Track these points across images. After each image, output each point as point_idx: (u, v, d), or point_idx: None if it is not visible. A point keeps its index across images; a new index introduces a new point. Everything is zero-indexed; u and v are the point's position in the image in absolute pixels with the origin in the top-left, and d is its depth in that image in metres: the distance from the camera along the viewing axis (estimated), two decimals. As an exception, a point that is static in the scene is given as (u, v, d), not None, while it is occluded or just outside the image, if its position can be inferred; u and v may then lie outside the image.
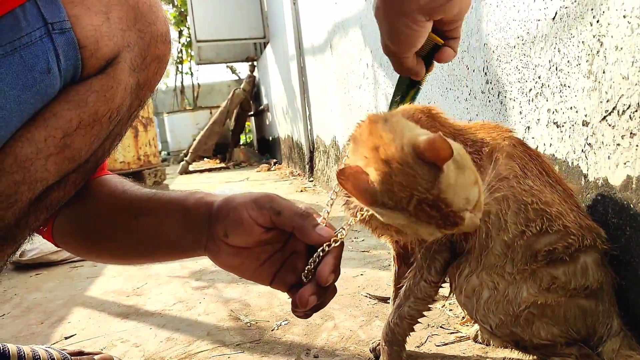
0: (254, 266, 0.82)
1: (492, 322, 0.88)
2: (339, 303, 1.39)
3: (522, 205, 0.87)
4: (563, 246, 0.85)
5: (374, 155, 0.71)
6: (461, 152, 0.71)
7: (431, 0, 0.79)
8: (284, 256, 0.84)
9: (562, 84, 1.03)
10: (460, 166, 0.69)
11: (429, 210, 0.68)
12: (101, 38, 0.70)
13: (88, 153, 0.74)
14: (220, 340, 1.25)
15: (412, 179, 0.68)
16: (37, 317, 1.55)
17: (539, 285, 0.86)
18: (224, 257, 0.82)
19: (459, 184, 0.68)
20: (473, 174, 0.70)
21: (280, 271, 0.84)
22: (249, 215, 0.77)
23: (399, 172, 0.68)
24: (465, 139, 0.93)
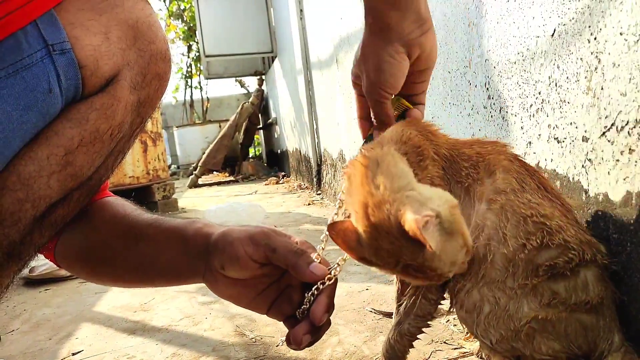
0: (251, 296, 0.87)
1: (493, 337, 0.88)
2: (344, 318, 1.40)
3: (521, 218, 0.87)
4: (564, 261, 0.85)
5: (363, 213, 0.72)
6: (452, 217, 0.71)
7: (409, 32, 0.86)
8: (280, 287, 0.88)
9: (561, 100, 1.04)
10: (449, 232, 0.70)
11: (415, 273, 0.70)
12: (101, 57, 0.72)
13: (90, 170, 0.76)
14: (225, 355, 1.26)
15: (398, 248, 0.70)
16: (45, 332, 1.57)
17: (540, 300, 0.86)
18: (221, 287, 0.87)
19: (445, 251, 0.70)
20: (461, 238, 0.71)
21: (277, 301, 0.88)
22: (245, 252, 0.81)
23: (386, 239, 0.70)
24: (460, 153, 0.94)
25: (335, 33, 3.06)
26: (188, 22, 9.33)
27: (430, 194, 0.72)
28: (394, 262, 0.71)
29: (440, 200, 0.72)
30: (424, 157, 0.90)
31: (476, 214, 0.89)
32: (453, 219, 0.71)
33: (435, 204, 0.70)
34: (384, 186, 0.71)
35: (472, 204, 0.90)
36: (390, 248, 0.70)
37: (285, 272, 0.85)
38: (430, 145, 0.93)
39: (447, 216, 0.70)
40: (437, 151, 0.93)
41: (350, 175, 0.78)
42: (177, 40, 9.67)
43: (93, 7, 0.72)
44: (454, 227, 0.70)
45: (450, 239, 0.70)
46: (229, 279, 0.84)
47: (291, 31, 4.65)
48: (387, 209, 0.69)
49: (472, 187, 0.91)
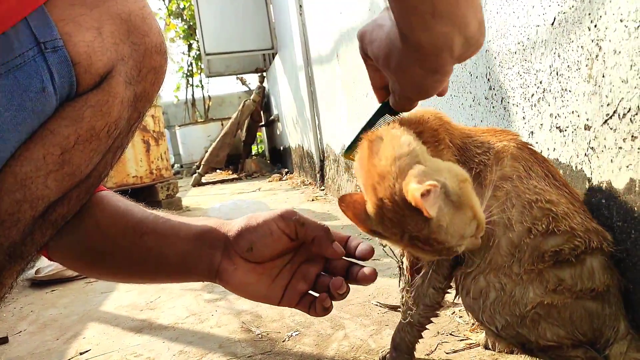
0: (267, 284, 0.89)
1: (499, 323, 0.88)
2: (350, 312, 1.40)
3: (526, 203, 0.87)
4: (570, 248, 0.85)
5: (369, 185, 0.73)
6: (460, 190, 0.70)
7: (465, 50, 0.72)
8: (293, 269, 0.90)
9: (563, 89, 1.03)
10: (456, 205, 0.69)
11: (422, 245, 0.70)
12: (94, 53, 0.71)
13: (89, 168, 0.75)
14: (232, 352, 1.26)
15: (403, 219, 0.69)
16: (52, 333, 1.57)
17: (546, 287, 0.86)
18: (239, 275, 0.88)
19: (452, 223, 0.69)
20: (470, 210, 0.71)
21: (290, 283, 0.90)
22: (278, 227, 0.85)
23: (391, 211, 0.70)
24: (473, 141, 0.94)
25: (335, 28, 3.06)
26: (188, 20, 9.33)
27: (438, 167, 0.72)
28: (399, 233, 0.71)
29: (450, 173, 0.71)
30: (439, 141, 0.90)
31: (482, 200, 0.89)
32: (461, 192, 0.70)
33: (442, 176, 0.70)
34: (385, 157, 0.71)
35: (480, 190, 0.90)
36: (394, 218, 0.70)
37: (298, 251, 0.90)
38: (444, 131, 0.93)
39: (455, 188, 0.69)
40: (452, 139, 0.93)
41: (359, 153, 0.79)
42: (177, 39, 9.68)
43: (84, 2, 0.71)
44: (462, 200, 0.70)
45: (457, 211, 0.70)
46: (249, 265, 0.87)
47: (291, 27, 4.64)
48: (392, 180, 0.69)
49: (482, 173, 0.91)
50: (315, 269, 0.90)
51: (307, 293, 0.90)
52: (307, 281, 0.90)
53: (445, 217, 0.68)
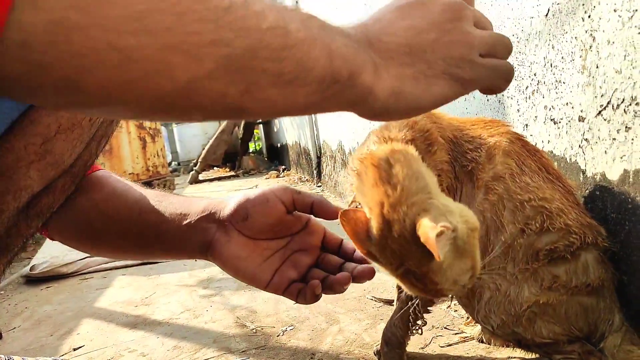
0: (258, 261, 0.85)
1: (494, 322, 0.88)
2: (344, 307, 1.39)
3: (517, 203, 0.87)
4: (565, 245, 0.85)
5: (378, 211, 0.71)
6: (467, 237, 0.69)
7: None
8: (286, 254, 0.88)
9: (557, 80, 1.03)
10: (459, 252, 0.68)
11: (414, 280, 0.70)
12: None
13: (72, 157, 0.74)
14: (226, 347, 1.25)
15: (405, 251, 0.68)
16: (47, 329, 1.56)
17: (540, 285, 0.86)
18: (232, 248, 0.85)
19: (451, 268, 0.69)
20: (471, 261, 0.70)
21: (280, 268, 0.87)
22: (274, 194, 0.83)
23: (396, 240, 0.69)
24: (464, 135, 0.93)
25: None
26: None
27: (452, 208, 0.71)
28: (397, 264, 0.70)
29: (462, 218, 0.70)
30: (431, 142, 0.89)
31: (475, 203, 0.89)
32: (468, 240, 0.69)
33: (455, 219, 0.69)
34: (401, 187, 0.70)
35: (472, 192, 0.90)
36: (398, 249, 0.69)
37: (293, 237, 0.88)
38: (436, 128, 0.92)
39: (464, 235, 0.69)
40: (443, 134, 0.92)
41: (361, 174, 0.77)
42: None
43: None
44: (467, 248, 0.69)
45: (460, 258, 0.69)
46: (242, 239, 0.85)
47: (287, 23, 4.62)
48: (404, 211, 0.68)
49: (474, 171, 0.90)
50: (308, 259, 0.88)
51: (295, 281, 0.89)
52: (298, 270, 0.88)
53: (447, 260, 0.68)
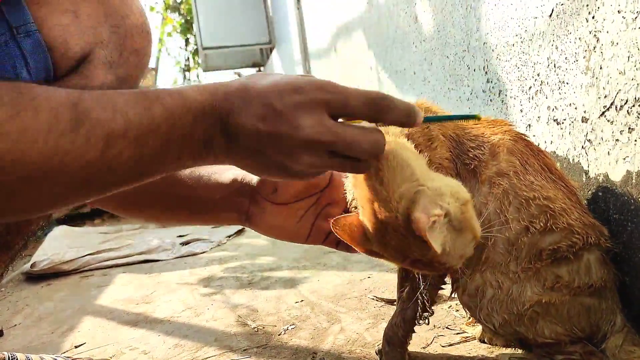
0: (293, 223, 0.94)
1: (496, 321, 0.88)
2: (346, 306, 1.39)
3: (523, 200, 0.86)
4: (567, 245, 0.85)
5: (369, 209, 0.71)
6: (462, 214, 0.69)
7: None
8: (317, 209, 0.96)
9: (560, 81, 1.02)
10: (458, 229, 0.69)
11: (423, 266, 0.71)
12: (70, 37, 0.69)
13: None
14: (227, 345, 1.25)
15: (406, 245, 0.69)
16: (48, 326, 1.56)
17: (543, 284, 0.86)
18: (267, 218, 0.94)
19: (454, 247, 0.69)
20: (470, 232, 0.70)
21: (315, 222, 0.96)
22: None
23: (394, 237, 0.69)
24: (466, 134, 0.93)
25: (332, 22, 3.04)
26: (185, 14, 9.28)
27: (441, 187, 0.69)
28: (402, 257, 0.71)
29: (452, 196, 0.70)
30: (431, 138, 0.89)
31: (478, 197, 0.88)
32: (463, 217, 0.69)
33: (445, 200, 0.68)
34: (387, 180, 0.69)
35: (475, 186, 0.89)
36: (399, 245, 0.69)
37: (323, 191, 0.95)
38: (437, 126, 0.92)
39: (457, 214, 0.68)
40: (444, 132, 0.92)
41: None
42: (175, 34, 9.64)
43: None
44: (464, 224, 0.69)
45: (459, 235, 0.69)
46: (275, 208, 0.92)
47: (289, 21, 4.62)
48: (394, 207, 0.68)
49: (477, 169, 0.90)
50: (338, 211, 0.94)
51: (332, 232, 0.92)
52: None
53: (447, 243, 0.68)
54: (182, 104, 0.62)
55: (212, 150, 0.65)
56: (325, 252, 1.99)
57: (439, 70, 1.60)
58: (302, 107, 0.62)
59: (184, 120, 0.62)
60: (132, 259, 2.27)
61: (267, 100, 0.62)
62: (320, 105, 0.62)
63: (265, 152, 0.64)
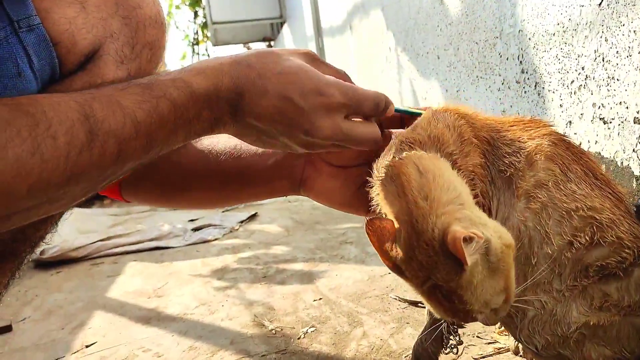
0: (351, 190, 0.88)
1: (538, 343, 0.81)
2: (367, 307, 1.33)
3: (564, 212, 0.79)
4: (617, 261, 0.77)
5: (406, 220, 0.67)
6: (501, 254, 0.64)
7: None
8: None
9: (610, 77, 0.94)
10: (492, 268, 0.64)
11: (441, 298, 0.65)
12: (77, 31, 0.64)
13: None
14: (244, 349, 1.20)
15: (434, 264, 0.64)
16: (57, 321, 1.52)
17: (590, 304, 0.79)
18: (323, 181, 0.89)
19: (483, 285, 0.63)
20: (503, 281, 0.65)
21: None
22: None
23: (424, 251, 0.64)
24: (501, 137, 0.85)
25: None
26: (194, -13, 9.12)
27: (486, 221, 0.66)
28: (424, 278, 0.65)
29: (495, 232, 0.65)
30: (464, 142, 0.82)
31: (515, 214, 0.81)
32: (502, 257, 0.64)
33: (488, 232, 0.63)
34: (432, 197, 0.64)
35: (511, 201, 0.82)
36: (425, 261, 0.64)
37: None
38: (469, 127, 0.84)
39: (497, 249, 0.63)
40: (477, 135, 0.84)
41: (387, 183, 0.71)
42: (183, 6, 9.48)
43: None
44: (500, 266, 0.64)
45: (491, 275, 0.64)
46: (332, 170, 0.88)
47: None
48: (433, 221, 0.63)
49: (513, 177, 0.82)
50: None
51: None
52: None
53: (478, 275, 0.62)
54: (189, 94, 0.64)
55: (219, 129, 0.69)
56: (341, 243, 1.93)
57: (467, 56, 1.51)
58: (324, 109, 0.68)
59: (191, 109, 0.65)
60: (142, 245, 2.22)
61: (289, 95, 0.67)
62: (339, 109, 0.70)
63: (274, 135, 0.69)
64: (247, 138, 0.73)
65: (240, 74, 0.67)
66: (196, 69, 0.67)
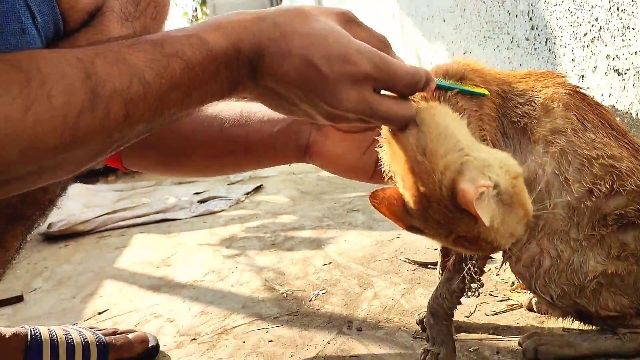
0: (358, 154, 0.88)
1: (554, 292, 0.81)
2: (377, 269, 1.33)
3: (584, 160, 0.78)
4: (635, 209, 0.77)
5: (410, 181, 0.66)
6: (513, 187, 0.64)
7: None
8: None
9: (624, 26, 0.92)
10: (508, 205, 0.63)
11: (468, 244, 0.65)
12: None
13: None
14: (256, 312, 1.20)
15: (450, 220, 0.64)
16: (68, 291, 1.52)
17: (608, 253, 0.78)
18: (330, 146, 0.88)
19: (504, 223, 0.63)
20: (522, 209, 0.64)
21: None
22: None
23: (438, 210, 0.64)
24: (512, 89, 0.84)
25: (350, -33, 2.89)
26: (192, -37, 9.02)
27: (488, 159, 0.65)
28: (445, 233, 0.65)
29: (501, 168, 0.64)
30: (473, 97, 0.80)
31: (533, 158, 0.80)
32: (514, 191, 0.63)
33: (494, 172, 0.63)
34: (430, 151, 0.64)
35: (528, 147, 0.81)
36: (442, 219, 0.64)
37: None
38: (479, 80, 0.83)
39: (507, 187, 0.63)
40: (488, 88, 0.82)
41: (391, 140, 0.70)
42: (181, -17, 9.38)
43: None
44: (515, 199, 0.63)
45: (509, 210, 0.63)
46: (339, 135, 0.88)
47: (300, -32, 4.43)
48: (438, 178, 0.62)
49: (528, 126, 0.81)
50: None
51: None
52: None
53: (497, 218, 0.61)
54: (205, 53, 0.59)
55: (237, 92, 0.64)
56: (348, 211, 1.93)
57: (474, 16, 1.49)
58: (349, 79, 0.61)
59: (208, 70, 0.60)
60: (149, 218, 2.21)
61: (313, 59, 0.60)
62: (367, 81, 0.62)
63: (295, 102, 0.64)
64: (268, 103, 0.68)
65: (263, 33, 0.62)
66: (214, 24, 0.62)
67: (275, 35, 0.61)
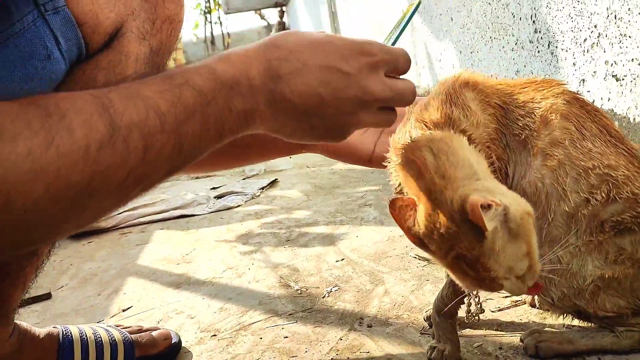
0: (356, 137, 0.92)
1: (554, 295, 0.85)
2: (388, 266, 1.39)
3: (581, 170, 0.82)
4: (632, 216, 0.81)
5: (425, 196, 0.71)
6: (521, 220, 0.67)
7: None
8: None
9: (622, 34, 0.95)
10: (513, 234, 0.67)
11: (466, 267, 0.68)
12: (100, 11, 0.66)
13: None
14: (272, 309, 1.26)
15: (455, 234, 0.67)
16: (93, 288, 1.59)
17: (605, 258, 0.82)
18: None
19: (505, 251, 0.66)
20: (526, 246, 0.68)
21: (380, 140, 0.95)
22: None
23: (444, 223, 0.67)
24: (514, 100, 0.88)
25: (360, -39, 2.91)
26: (204, -46, 9.02)
27: (503, 190, 0.70)
28: (447, 248, 0.69)
29: (514, 201, 0.68)
30: (474, 114, 0.84)
31: (532, 171, 0.84)
32: (521, 223, 0.67)
33: (506, 199, 0.67)
34: (449, 175, 0.69)
35: (528, 159, 0.85)
36: (447, 232, 0.68)
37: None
38: (477, 98, 0.87)
39: (516, 217, 0.66)
40: (489, 102, 0.86)
41: (405, 166, 0.75)
42: (194, -26, 9.39)
43: None
44: (521, 232, 0.67)
45: (513, 241, 0.67)
46: None
47: (311, -41, 4.45)
48: (451, 193, 0.67)
49: (528, 139, 0.85)
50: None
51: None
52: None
53: (499, 241, 0.66)
54: (214, 80, 0.61)
55: (254, 122, 0.66)
56: (360, 206, 1.98)
57: (480, 17, 1.52)
58: (368, 69, 0.66)
59: (220, 97, 0.61)
60: (168, 214, 2.28)
61: (330, 63, 0.64)
62: (381, 66, 0.67)
63: (317, 115, 0.66)
64: (284, 130, 0.69)
65: (271, 56, 0.64)
66: (219, 57, 0.64)
67: (283, 54, 0.64)
